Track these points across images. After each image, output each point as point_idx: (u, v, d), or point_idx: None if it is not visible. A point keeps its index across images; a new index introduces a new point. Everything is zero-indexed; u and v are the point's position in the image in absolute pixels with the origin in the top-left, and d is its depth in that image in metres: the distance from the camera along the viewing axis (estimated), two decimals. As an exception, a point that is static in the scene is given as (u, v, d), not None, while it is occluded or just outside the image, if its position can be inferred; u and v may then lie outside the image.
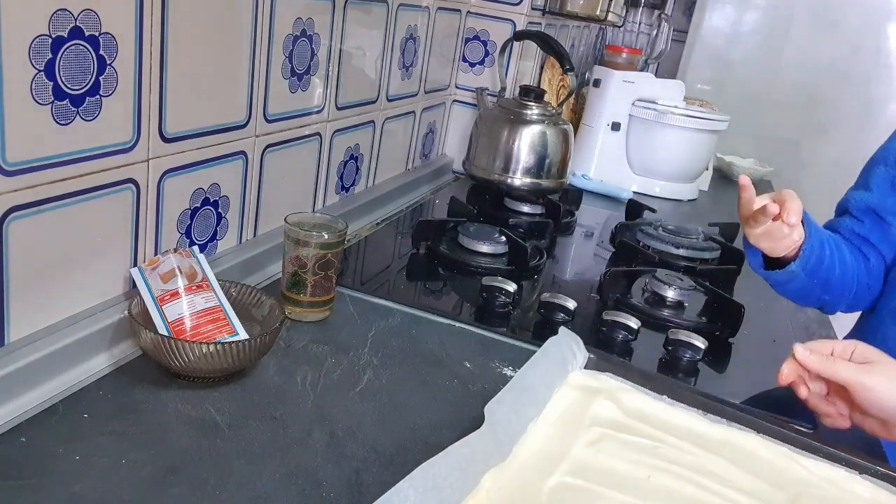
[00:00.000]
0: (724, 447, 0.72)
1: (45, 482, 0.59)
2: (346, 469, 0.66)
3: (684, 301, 1.14)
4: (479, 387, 0.84)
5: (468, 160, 1.59)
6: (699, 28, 2.74)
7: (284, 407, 0.74)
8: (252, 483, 0.63)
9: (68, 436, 0.64)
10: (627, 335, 1.00)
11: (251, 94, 0.94)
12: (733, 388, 0.93)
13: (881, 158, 1.10)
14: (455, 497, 0.56)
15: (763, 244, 0.97)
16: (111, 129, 0.73)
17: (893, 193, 1.06)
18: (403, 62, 1.38)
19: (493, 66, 1.66)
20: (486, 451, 0.61)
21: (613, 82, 1.88)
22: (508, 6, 1.63)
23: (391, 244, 1.28)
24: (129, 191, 0.78)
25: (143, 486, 0.60)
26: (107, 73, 0.71)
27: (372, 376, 0.82)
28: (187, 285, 0.77)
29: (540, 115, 1.53)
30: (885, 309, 1.05)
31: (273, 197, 1.05)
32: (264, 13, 0.93)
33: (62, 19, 0.65)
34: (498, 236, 1.24)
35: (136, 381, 0.74)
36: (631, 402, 0.77)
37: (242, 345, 0.73)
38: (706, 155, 1.94)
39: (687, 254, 1.36)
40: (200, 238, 0.93)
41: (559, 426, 0.71)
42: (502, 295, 1.05)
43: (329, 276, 0.91)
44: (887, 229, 1.07)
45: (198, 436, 0.67)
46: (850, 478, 0.70)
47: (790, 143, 2.64)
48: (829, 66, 2.60)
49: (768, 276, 1.01)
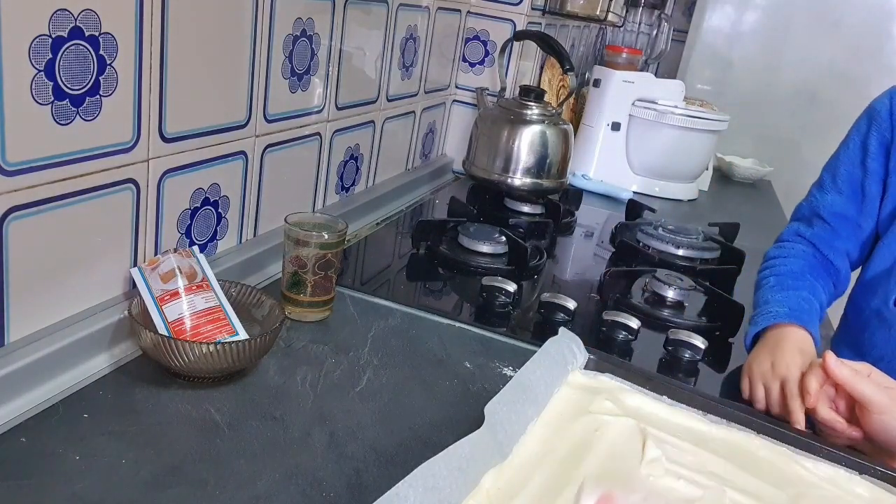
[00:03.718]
0: (724, 447, 0.72)
1: (45, 482, 0.59)
2: (346, 469, 0.66)
3: (684, 301, 1.14)
4: (479, 387, 0.84)
5: (468, 160, 1.59)
6: (699, 28, 2.74)
7: (284, 407, 0.74)
8: (252, 483, 0.63)
9: (68, 436, 0.64)
10: (627, 335, 1.00)
11: (251, 94, 0.94)
12: (733, 388, 0.93)
13: (846, 159, 1.10)
14: (455, 497, 0.56)
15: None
16: (111, 129, 0.73)
17: (864, 197, 1.07)
18: (403, 62, 1.38)
19: (493, 66, 1.66)
20: (486, 451, 0.61)
21: (613, 82, 1.88)
22: (508, 6, 1.63)
23: (391, 244, 1.28)
24: (129, 191, 0.78)
25: (143, 486, 0.60)
26: (107, 73, 0.71)
27: (372, 376, 0.82)
28: (187, 285, 0.77)
29: (540, 115, 1.53)
30: (868, 309, 1.05)
31: (273, 197, 1.05)
32: (264, 13, 0.93)
33: (62, 19, 0.65)
34: (498, 236, 1.24)
35: (136, 381, 0.74)
36: (631, 402, 0.77)
37: (242, 345, 0.73)
38: (706, 155, 1.94)
39: (687, 254, 1.36)
40: (200, 238, 0.93)
41: (559, 426, 0.71)
42: (502, 295, 1.05)
43: (329, 276, 0.91)
44: (860, 234, 1.09)
45: (198, 436, 0.67)
46: (850, 478, 0.70)
47: (790, 143, 2.64)
48: (829, 66, 2.60)
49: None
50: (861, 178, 1.07)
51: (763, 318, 0.96)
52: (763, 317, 0.96)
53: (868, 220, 1.08)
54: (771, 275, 1.06)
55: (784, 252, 1.11)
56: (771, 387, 0.87)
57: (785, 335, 0.92)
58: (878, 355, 1.01)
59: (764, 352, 0.92)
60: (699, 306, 1.15)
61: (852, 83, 2.55)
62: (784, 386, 0.86)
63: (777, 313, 0.95)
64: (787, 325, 0.94)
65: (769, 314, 0.96)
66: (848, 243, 1.09)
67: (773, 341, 0.92)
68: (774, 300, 0.99)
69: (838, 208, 1.10)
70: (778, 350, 0.90)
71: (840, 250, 1.09)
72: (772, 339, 0.93)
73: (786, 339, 0.92)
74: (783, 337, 0.92)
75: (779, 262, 1.09)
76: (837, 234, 1.10)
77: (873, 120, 1.06)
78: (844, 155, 1.10)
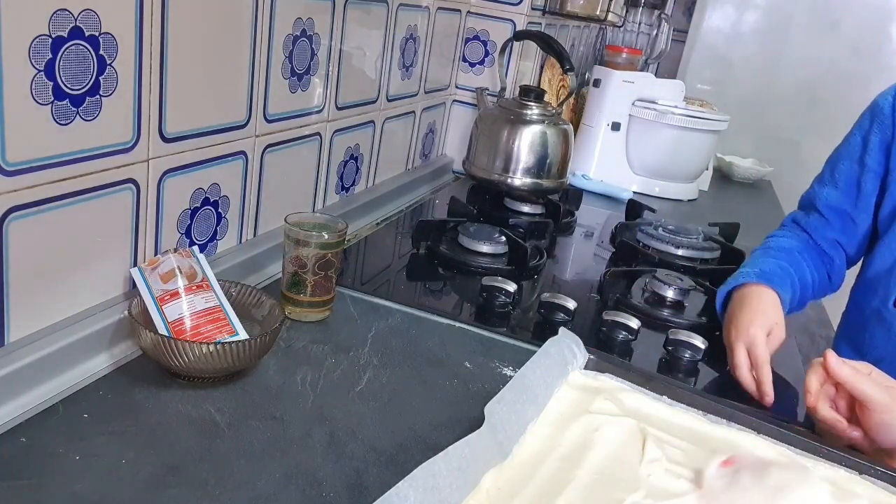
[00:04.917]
0: (724, 447, 0.72)
1: (45, 482, 0.59)
2: (346, 469, 0.66)
3: (684, 301, 1.14)
4: (479, 387, 0.84)
5: (468, 160, 1.59)
6: (699, 28, 2.74)
7: (284, 407, 0.74)
8: (252, 483, 0.63)
9: (68, 436, 0.64)
10: (627, 335, 1.00)
11: (251, 94, 0.94)
12: (733, 388, 0.93)
13: (846, 153, 1.10)
14: (455, 497, 0.56)
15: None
16: (111, 129, 0.73)
17: (860, 192, 1.08)
18: (403, 62, 1.38)
19: (493, 66, 1.66)
20: (486, 451, 0.61)
21: (613, 82, 1.88)
22: (508, 6, 1.63)
23: (391, 244, 1.28)
24: (129, 191, 0.78)
25: (143, 486, 0.60)
26: (107, 73, 0.71)
27: (372, 376, 0.82)
28: (187, 285, 0.77)
29: (540, 115, 1.53)
30: (868, 308, 1.05)
31: (273, 197, 1.05)
32: (264, 13, 0.93)
33: (62, 19, 0.65)
34: (498, 236, 1.24)
35: (136, 381, 0.74)
36: (631, 402, 0.77)
37: (242, 345, 0.73)
38: (706, 155, 1.94)
39: (687, 254, 1.36)
40: (200, 238, 0.93)
41: (559, 426, 0.71)
42: (502, 295, 1.05)
43: (329, 276, 0.91)
44: (854, 228, 1.09)
45: (198, 436, 0.67)
46: (850, 478, 0.70)
47: (790, 143, 2.64)
48: (829, 66, 2.60)
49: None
50: (858, 174, 1.07)
51: (732, 279, 0.98)
52: (733, 278, 0.98)
53: (863, 215, 1.08)
54: (759, 248, 1.09)
55: (779, 233, 1.14)
56: (734, 348, 0.88)
57: (748, 294, 0.93)
58: (878, 356, 1.01)
59: (730, 315, 0.93)
60: (699, 306, 1.15)
61: (852, 83, 2.55)
62: (750, 352, 0.86)
63: (746, 273, 0.97)
64: (753, 285, 0.95)
65: (739, 275, 0.98)
66: (841, 236, 1.10)
67: (738, 303, 0.93)
68: (750, 264, 1.01)
69: (833, 202, 1.10)
70: (741, 312, 0.91)
71: (831, 240, 1.11)
72: (737, 299, 0.94)
73: (748, 298, 0.92)
74: (746, 296, 0.93)
75: (772, 240, 1.12)
76: (831, 226, 1.11)
77: (876, 116, 1.07)
78: (845, 149, 1.11)
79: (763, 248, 1.10)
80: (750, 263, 1.03)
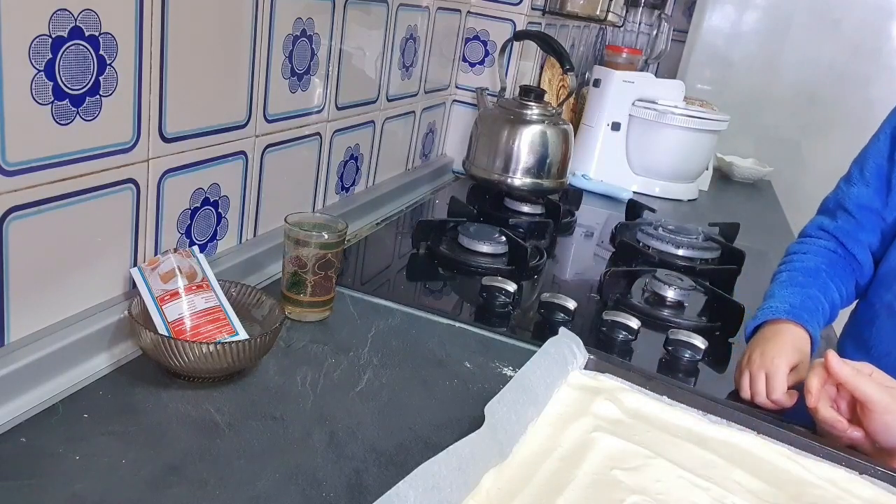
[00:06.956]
0: (724, 447, 0.72)
1: (45, 482, 0.59)
2: (346, 469, 0.66)
3: (684, 301, 1.14)
4: (479, 387, 0.84)
5: (468, 160, 1.59)
6: (699, 28, 2.74)
7: (284, 407, 0.74)
8: (252, 483, 0.63)
9: (68, 436, 0.64)
10: (627, 335, 1.00)
11: (251, 94, 0.94)
12: (733, 388, 0.93)
13: (875, 152, 1.09)
14: (455, 497, 0.56)
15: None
16: (111, 129, 0.73)
17: (890, 189, 1.06)
18: (403, 62, 1.38)
19: (493, 66, 1.66)
20: (486, 451, 0.61)
21: (613, 82, 1.88)
22: (508, 6, 1.63)
23: (391, 244, 1.28)
24: (129, 191, 0.78)
25: (143, 486, 0.60)
26: (107, 73, 0.71)
27: (372, 376, 0.82)
28: (187, 285, 0.77)
29: (540, 115, 1.53)
30: (879, 303, 1.05)
31: (273, 197, 1.05)
32: (264, 13, 0.93)
33: (62, 19, 0.65)
34: (498, 236, 1.24)
35: (136, 381, 0.74)
36: (631, 402, 0.77)
37: (242, 345, 0.73)
38: (706, 155, 1.94)
39: (687, 254, 1.36)
40: (200, 238, 0.93)
41: (559, 426, 0.71)
42: (502, 295, 1.05)
43: (329, 276, 0.91)
44: (884, 227, 1.08)
45: (198, 436, 0.67)
46: (850, 478, 0.70)
47: (790, 143, 2.64)
48: (829, 66, 2.60)
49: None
50: (888, 171, 1.06)
51: (763, 313, 0.96)
52: (763, 311, 0.97)
53: (892, 212, 1.06)
54: (785, 270, 1.06)
55: (804, 248, 1.10)
56: (755, 376, 0.88)
57: (780, 331, 0.92)
58: (885, 350, 1.00)
59: (756, 344, 0.92)
60: (699, 306, 1.15)
61: (852, 83, 2.55)
62: (768, 381, 0.86)
63: (777, 308, 0.96)
64: (784, 322, 0.94)
65: (769, 309, 0.96)
66: (871, 236, 1.08)
67: (768, 336, 0.93)
68: (780, 295, 0.99)
69: (864, 200, 1.08)
70: (769, 344, 0.90)
71: (863, 243, 1.08)
72: (768, 333, 0.93)
73: (780, 334, 0.92)
74: (778, 332, 0.92)
75: (796, 257, 1.08)
76: (862, 227, 1.08)
77: None
78: (874, 147, 1.09)
79: (788, 270, 1.05)
80: (777, 294, 0.99)
